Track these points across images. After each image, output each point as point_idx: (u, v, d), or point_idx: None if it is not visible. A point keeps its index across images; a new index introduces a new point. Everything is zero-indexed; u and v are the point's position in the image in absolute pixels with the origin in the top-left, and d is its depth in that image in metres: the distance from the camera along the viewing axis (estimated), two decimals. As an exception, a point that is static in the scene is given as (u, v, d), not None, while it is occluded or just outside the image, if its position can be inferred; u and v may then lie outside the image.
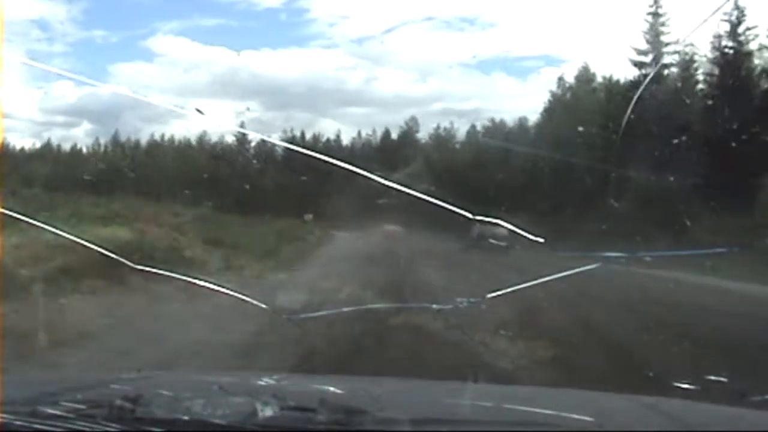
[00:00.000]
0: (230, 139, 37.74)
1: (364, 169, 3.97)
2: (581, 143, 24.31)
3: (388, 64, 58.98)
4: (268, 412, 1.49)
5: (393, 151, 36.03)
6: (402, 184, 4.26)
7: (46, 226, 6.23)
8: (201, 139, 39.84)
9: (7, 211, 4.57)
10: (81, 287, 9.61)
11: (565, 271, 5.03)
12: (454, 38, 57.32)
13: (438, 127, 39.02)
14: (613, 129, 19.95)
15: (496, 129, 35.62)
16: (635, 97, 18.16)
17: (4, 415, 1.47)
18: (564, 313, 9.02)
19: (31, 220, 5.00)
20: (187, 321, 7.96)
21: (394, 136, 39.92)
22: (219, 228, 19.64)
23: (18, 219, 5.01)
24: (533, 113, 36.52)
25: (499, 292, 5.29)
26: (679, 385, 3.45)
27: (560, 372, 5.74)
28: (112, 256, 5.77)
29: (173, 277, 6.82)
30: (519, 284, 5.38)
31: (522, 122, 34.65)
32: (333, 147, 38.96)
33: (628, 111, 20.13)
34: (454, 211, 3.83)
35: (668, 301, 10.09)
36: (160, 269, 6.48)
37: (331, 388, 1.78)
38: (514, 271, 11.32)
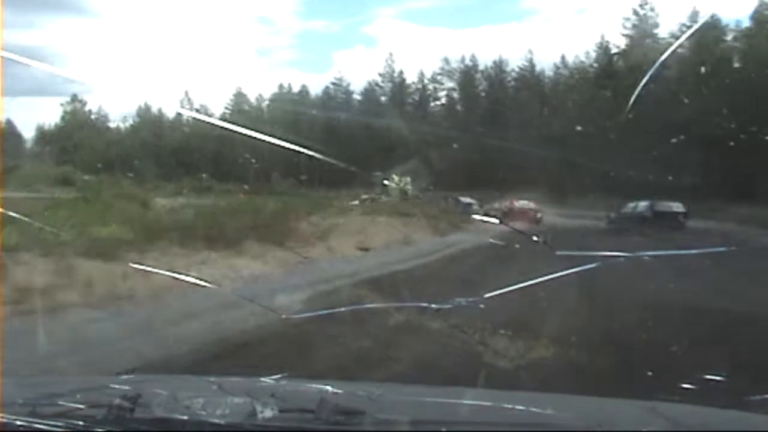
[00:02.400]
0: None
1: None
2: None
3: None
4: (267, 412, 1.49)
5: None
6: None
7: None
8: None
9: (6, 211, 4.56)
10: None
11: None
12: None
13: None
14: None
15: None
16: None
17: (4, 415, 1.47)
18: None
19: (29, 220, 4.99)
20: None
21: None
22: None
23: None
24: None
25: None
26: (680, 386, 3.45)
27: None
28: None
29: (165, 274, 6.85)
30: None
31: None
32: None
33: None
34: None
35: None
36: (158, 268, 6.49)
37: (330, 389, 1.78)
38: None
